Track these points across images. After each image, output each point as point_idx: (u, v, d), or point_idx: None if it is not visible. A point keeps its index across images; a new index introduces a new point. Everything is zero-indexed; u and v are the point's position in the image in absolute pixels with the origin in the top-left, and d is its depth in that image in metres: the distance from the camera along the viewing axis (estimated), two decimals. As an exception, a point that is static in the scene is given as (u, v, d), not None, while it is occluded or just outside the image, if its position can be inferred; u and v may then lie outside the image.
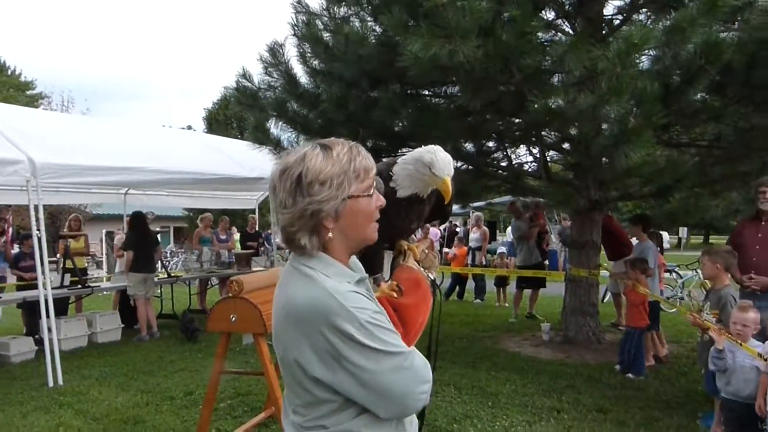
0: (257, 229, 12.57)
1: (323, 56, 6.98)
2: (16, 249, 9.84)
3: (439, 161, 1.71)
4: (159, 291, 10.23)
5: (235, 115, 27.12)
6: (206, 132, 26.27)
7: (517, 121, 7.20)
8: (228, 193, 11.88)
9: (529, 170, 8.44)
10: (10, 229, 9.27)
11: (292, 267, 1.37)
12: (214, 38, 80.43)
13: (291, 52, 7.45)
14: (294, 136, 7.28)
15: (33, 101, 34.36)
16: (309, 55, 7.37)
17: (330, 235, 1.33)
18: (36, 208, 6.22)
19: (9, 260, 8.69)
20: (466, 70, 4.85)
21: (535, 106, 5.01)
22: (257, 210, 13.04)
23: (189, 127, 32.22)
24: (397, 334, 1.32)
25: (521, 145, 8.48)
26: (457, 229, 15.63)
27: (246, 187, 10.48)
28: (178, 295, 10.96)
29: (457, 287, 12.29)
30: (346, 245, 1.38)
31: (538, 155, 7.98)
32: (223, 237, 11.49)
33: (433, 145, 1.76)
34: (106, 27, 70.27)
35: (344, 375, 1.25)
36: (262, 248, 11.74)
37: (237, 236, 13.59)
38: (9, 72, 36.87)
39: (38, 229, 6.27)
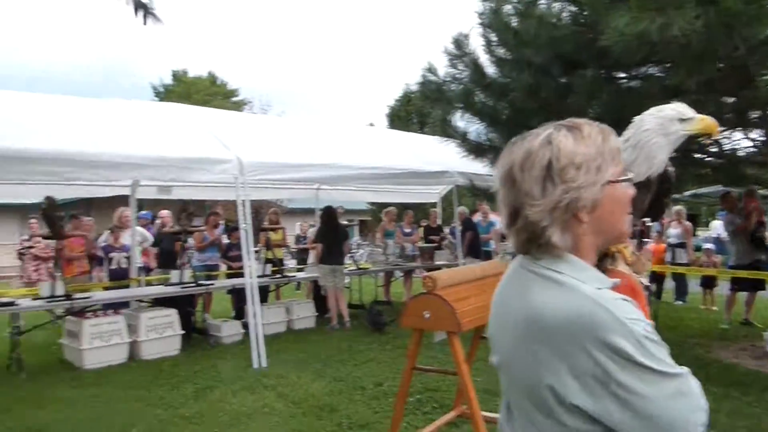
0: (439, 222, 12.58)
1: (512, 43, 6.67)
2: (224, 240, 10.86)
3: (682, 105, 1.52)
4: (348, 282, 10.65)
5: (417, 110, 27.58)
6: (388, 128, 27.09)
7: (730, 101, 6.29)
8: (410, 187, 12.03)
9: (747, 157, 7.35)
10: (221, 222, 10.22)
11: (529, 271, 1.14)
12: (392, 37, 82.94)
13: (477, 43, 7.27)
14: (481, 128, 7.07)
15: (238, 107, 38.12)
16: (496, 43, 7.11)
17: (583, 229, 1.11)
18: (243, 203, 6.74)
19: (221, 250, 9.57)
20: (681, 44, 4.27)
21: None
22: (439, 203, 13.05)
23: (371, 125, 33.51)
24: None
25: (737, 128, 7.42)
26: (650, 224, 14.28)
27: (429, 181, 10.51)
28: (365, 286, 11.34)
29: (654, 286, 11.20)
30: (595, 243, 1.14)
31: (762, 138, 6.91)
32: (408, 230, 11.64)
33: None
34: (293, 36, 75.81)
35: (611, 401, 1.01)
36: (445, 242, 11.70)
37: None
38: (218, 83, 41.27)
39: (245, 222, 6.78)
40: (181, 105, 9.77)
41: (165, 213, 9.81)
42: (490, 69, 7.24)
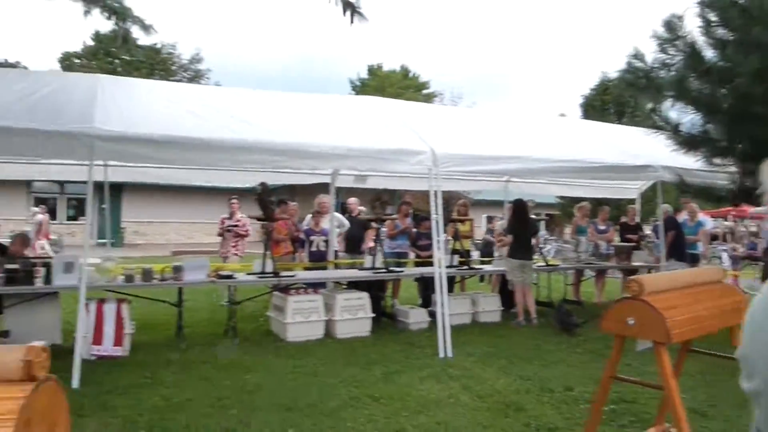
0: (637, 220, 11.66)
1: (737, 22, 5.92)
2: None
3: None
4: (535, 278, 10.32)
5: (614, 99, 25.81)
6: (581, 119, 25.73)
7: None
8: (605, 182, 11.29)
9: None
10: (410, 212, 10.50)
11: None
12: (585, 25, 78.48)
13: (692, 24, 6.56)
14: (697, 118, 6.38)
15: (428, 99, 38.86)
16: (717, 23, 6.36)
17: None
18: (435, 193, 6.82)
19: (411, 239, 9.83)
20: None
21: None
22: (638, 200, 12.10)
23: (562, 115, 32.08)
24: None
25: None
26: None
27: (628, 176, 9.75)
28: (554, 284, 10.92)
29: None
30: None
31: None
32: (603, 227, 10.96)
33: None
34: (482, 26, 75.08)
35: None
36: (644, 241, 10.81)
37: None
38: (410, 76, 42.40)
39: (436, 213, 6.86)
40: (378, 98, 10.17)
41: (352, 200, 10.27)
42: (708, 52, 6.51)
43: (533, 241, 9.01)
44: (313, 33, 75.26)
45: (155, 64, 37.63)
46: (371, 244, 10.02)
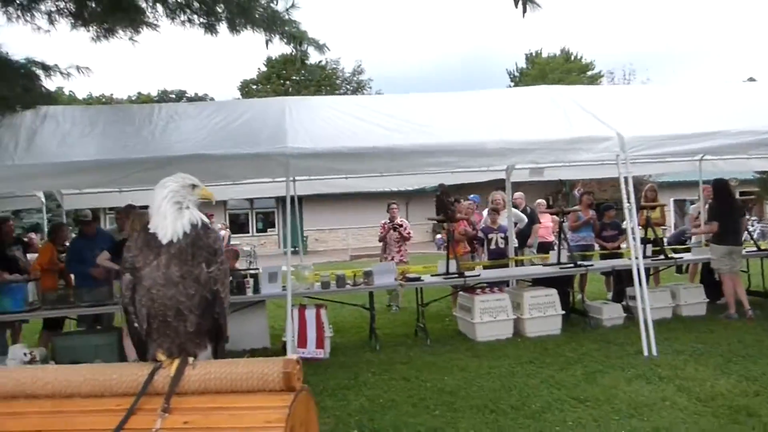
0: None
1: None
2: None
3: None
4: (745, 265, 9.24)
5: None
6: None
7: None
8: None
9: None
10: (592, 202, 9.97)
11: None
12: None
13: None
14: None
15: (593, 81, 36.78)
16: None
17: None
18: (626, 180, 6.38)
19: (595, 230, 9.32)
20: None
21: None
22: None
23: (750, 79, 28.50)
24: None
25: None
26: None
27: None
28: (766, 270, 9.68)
29: None
30: None
31: None
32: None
33: None
34: (655, -6, 69.18)
35: None
36: None
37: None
38: (572, 58, 40.44)
39: (629, 201, 6.41)
40: (547, 87, 9.77)
41: (518, 195, 9.92)
42: None
43: (741, 224, 8.06)
44: (464, 30, 74.97)
45: (321, 81, 39.90)
46: (538, 238, 9.70)
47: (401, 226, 9.74)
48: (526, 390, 5.27)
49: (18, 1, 5.98)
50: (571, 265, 7.85)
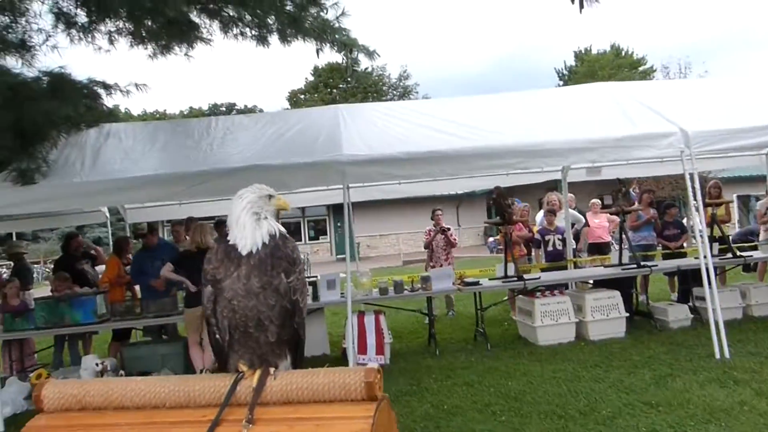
0: None
1: None
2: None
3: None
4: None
5: None
6: None
7: None
8: None
9: None
10: (653, 200, 9.65)
11: None
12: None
13: None
14: None
15: (645, 76, 35.75)
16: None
17: None
18: (691, 177, 6.16)
19: (657, 229, 9.03)
20: None
21: None
22: None
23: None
24: None
25: None
26: None
27: None
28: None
29: None
30: None
31: None
32: None
33: None
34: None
35: None
36: None
37: None
38: (623, 53, 39.44)
39: (695, 199, 6.19)
40: (601, 84, 9.53)
41: (553, 197, 9.63)
42: None
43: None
44: (507, 29, 74.16)
45: (368, 87, 40.15)
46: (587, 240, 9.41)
47: (448, 229, 9.55)
48: (594, 395, 5.13)
49: (80, 24, 6.23)
50: (634, 265, 7.61)
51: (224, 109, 42.69)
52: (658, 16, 66.31)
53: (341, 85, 39.98)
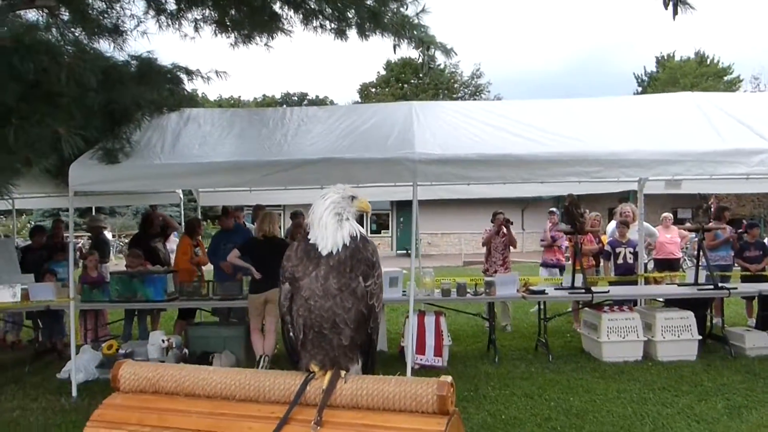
0: None
1: None
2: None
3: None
4: None
5: None
6: None
7: None
8: None
9: None
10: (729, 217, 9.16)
11: None
12: None
13: None
14: None
15: (731, 86, 33.97)
16: None
17: None
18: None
19: (735, 249, 8.56)
20: None
21: None
22: None
23: None
24: None
25: None
26: None
27: None
28: None
29: None
30: None
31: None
32: None
33: None
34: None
35: None
36: None
37: None
38: (708, 61, 37.60)
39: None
40: (685, 93, 9.11)
41: (627, 208, 9.20)
42: None
43: None
44: (586, 30, 72.03)
45: (439, 84, 39.90)
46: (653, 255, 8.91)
47: (511, 222, 9.06)
48: (661, 419, 4.91)
49: (169, 11, 6.43)
50: (711, 286, 7.22)
51: (296, 98, 43.42)
52: (747, 24, 62.80)
53: (413, 81, 39.89)
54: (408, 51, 6.24)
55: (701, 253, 7.69)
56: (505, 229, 8.76)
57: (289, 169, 6.04)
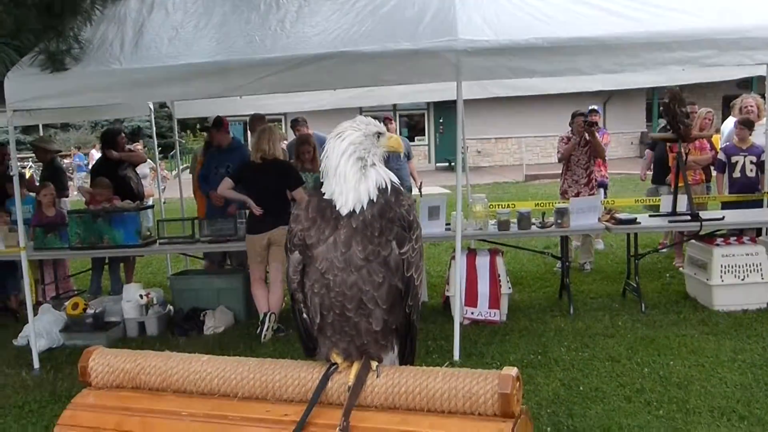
0: None
1: None
2: None
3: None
4: None
5: None
6: None
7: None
8: None
9: None
10: None
11: None
12: None
13: None
14: None
15: None
16: None
17: None
18: None
19: None
20: None
21: None
22: None
23: None
24: None
25: None
26: None
27: None
28: None
29: None
30: None
31: None
32: None
33: None
34: None
35: None
36: None
37: None
38: None
39: None
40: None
41: (750, 101, 8.91)
42: None
43: None
44: None
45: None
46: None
47: (595, 125, 8.68)
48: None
49: None
50: None
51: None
52: None
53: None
54: None
55: None
56: (588, 136, 8.56)
57: (287, 70, 5.95)
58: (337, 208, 1.99)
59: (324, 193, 2.03)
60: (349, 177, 1.99)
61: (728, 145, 8.67)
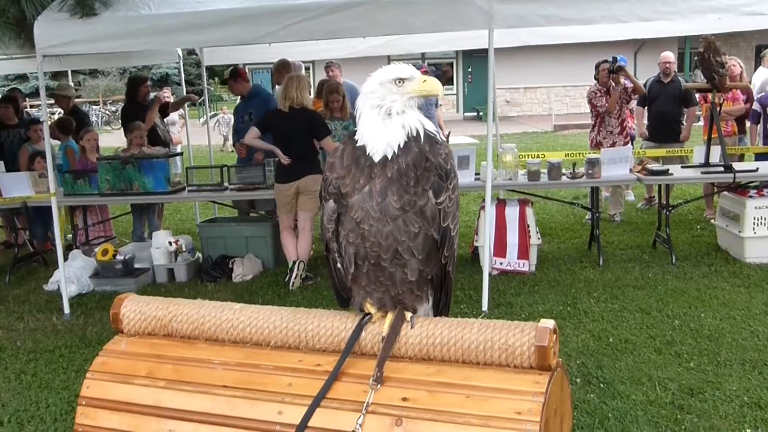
0: None
1: None
2: None
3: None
4: None
5: None
6: None
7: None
8: None
9: None
10: None
11: None
12: None
13: None
14: None
15: None
16: None
17: None
18: None
19: None
20: None
21: None
22: None
23: None
24: None
25: None
26: None
27: None
28: None
29: None
30: None
31: None
32: None
33: None
34: None
35: None
36: None
37: None
38: None
39: None
40: None
41: None
42: None
43: None
44: None
45: None
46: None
47: (621, 70, 8.36)
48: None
49: None
50: None
51: None
52: None
53: None
54: None
55: None
56: (614, 84, 8.33)
57: (317, 17, 5.82)
58: (369, 155, 1.94)
59: (357, 141, 1.98)
60: (374, 125, 1.95)
61: (763, 96, 8.44)
